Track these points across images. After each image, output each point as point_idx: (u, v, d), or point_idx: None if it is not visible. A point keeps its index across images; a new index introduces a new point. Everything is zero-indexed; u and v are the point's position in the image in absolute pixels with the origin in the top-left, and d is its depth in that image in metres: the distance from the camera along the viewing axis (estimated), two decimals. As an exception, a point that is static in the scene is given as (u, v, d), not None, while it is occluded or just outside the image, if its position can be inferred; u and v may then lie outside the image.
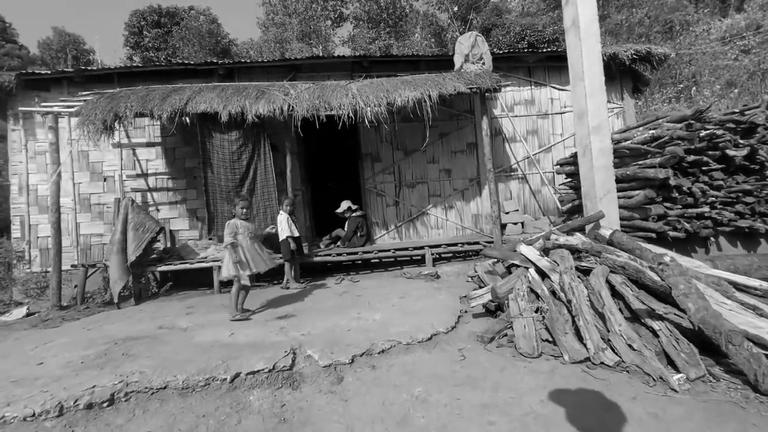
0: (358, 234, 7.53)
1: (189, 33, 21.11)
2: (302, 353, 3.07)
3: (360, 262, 7.51)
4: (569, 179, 6.09)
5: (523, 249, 3.89)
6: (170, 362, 2.99)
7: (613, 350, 2.73)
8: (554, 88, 8.66)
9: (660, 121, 4.92)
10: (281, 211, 6.23)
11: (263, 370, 2.79)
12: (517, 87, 8.58)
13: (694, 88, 19.78)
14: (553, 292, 3.42)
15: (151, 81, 7.55)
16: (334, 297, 5.28)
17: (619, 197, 4.66)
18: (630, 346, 2.67)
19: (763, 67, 15.99)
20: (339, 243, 7.76)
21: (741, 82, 16.99)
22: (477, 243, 7.22)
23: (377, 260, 7.46)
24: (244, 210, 4.80)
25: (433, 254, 7.00)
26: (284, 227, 6.07)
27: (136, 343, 3.66)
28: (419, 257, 7.11)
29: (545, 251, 3.94)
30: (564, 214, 6.16)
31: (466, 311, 4.05)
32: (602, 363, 2.64)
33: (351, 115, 6.12)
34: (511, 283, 3.59)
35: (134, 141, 7.91)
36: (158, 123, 7.85)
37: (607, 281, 3.24)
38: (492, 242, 7.13)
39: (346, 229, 7.66)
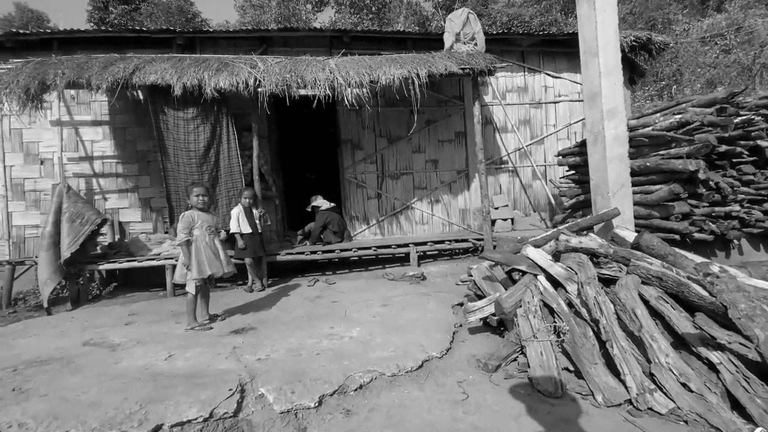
0: (330, 230, 6.76)
1: (157, 9, 19.59)
2: (253, 391, 2.32)
3: (337, 260, 6.76)
4: (572, 172, 5.51)
5: (531, 252, 3.24)
6: (70, 406, 2.18)
7: (660, 389, 2.10)
8: (549, 75, 8.08)
9: (683, 105, 4.36)
10: (239, 203, 5.40)
11: (196, 419, 2.03)
12: (510, 73, 7.95)
13: (675, 86, 19.81)
14: (570, 305, 2.79)
15: (100, 51, 6.50)
16: (305, 303, 4.53)
17: (634, 193, 4.08)
18: (684, 385, 2.05)
19: (760, 62, 15.87)
20: (307, 241, 6.99)
21: (730, 79, 16.97)
22: (465, 240, 6.59)
23: (356, 258, 6.72)
24: (201, 198, 3.98)
25: (418, 252, 6.32)
26: (234, 222, 5.26)
27: (40, 370, 2.82)
28: (402, 255, 6.42)
29: (556, 255, 3.31)
30: (565, 210, 5.58)
31: (460, 325, 3.39)
32: (650, 409, 2.01)
33: (329, 92, 5.31)
34: (518, 295, 2.94)
35: (77, 119, 6.87)
36: (106, 99, 6.84)
37: (639, 295, 2.61)
38: (482, 239, 6.51)
39: (314, 224, 6.90)
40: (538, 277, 3.11)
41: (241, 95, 5.52)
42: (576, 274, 2.88)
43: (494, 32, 7.71)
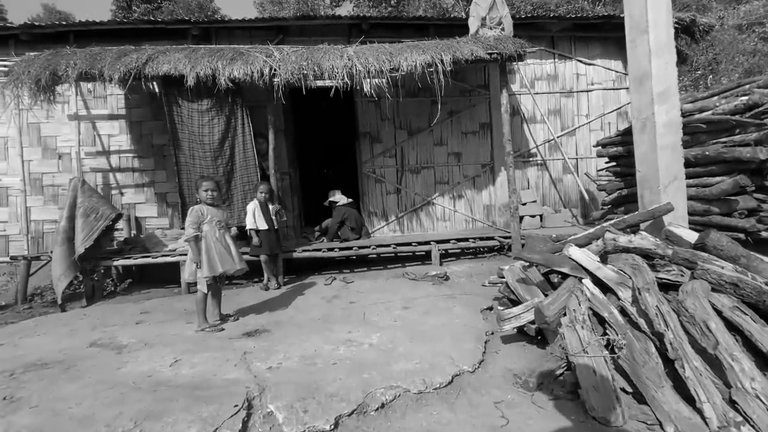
0: (348, 226, 6.48)
1: (177, 7, 19.73)
2: (262, 407, 2.05)
3: (355, 257, 6.49)
4: (613, 163, 5.05)
5: (574, 253, 2.87)
6: (58, 421, 1.96)
7: (747, 421, 1.72)
8: (581, 62, 7.56)
9: (747, 87, 3.87)
10: (254, 198, 5.17)
11: (194, 442, 1.77)
12: (539, 60, 7.47)
13: (711, 76, 18.72)
14: (623, 313, 2.41)
15: (116, 44, 6.37)
16: (321, 304, 4.27)
17: (689, 186, 3.64)
18: (781, 419, 1.67)
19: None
20: (324, 238, 6.74)
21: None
22: (491, 238, 6.20)
23: (375, 256, 6.43)
24: (210, 193, 3.76)
25: (440, 250, 5.98)
26: (249, 217, 5.04)
27: (38, 375, 2.63)
28: (423, 253, 6.09)
29: (602, 256, 2.92)
30: (605, 206, 5.12)
31: (492, 332, 3.04)
32: (738, 447, 1.64)
33: (347, 80, 5.01)
34: (561, 301, 2.58)
35: (94, 113, 6.78)
36: (122, 92, 6.74)
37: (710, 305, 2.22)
38: (509, 237, 6.11)
39: (331, 220, 6.64)
40: (583, 280, 2.74)
41: (257, 86, 5.28)
42: (630, 278, 2.50)
43: (521, 17, 7.23)
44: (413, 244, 5.98)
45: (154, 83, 5.99)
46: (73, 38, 6.66)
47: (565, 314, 2.53)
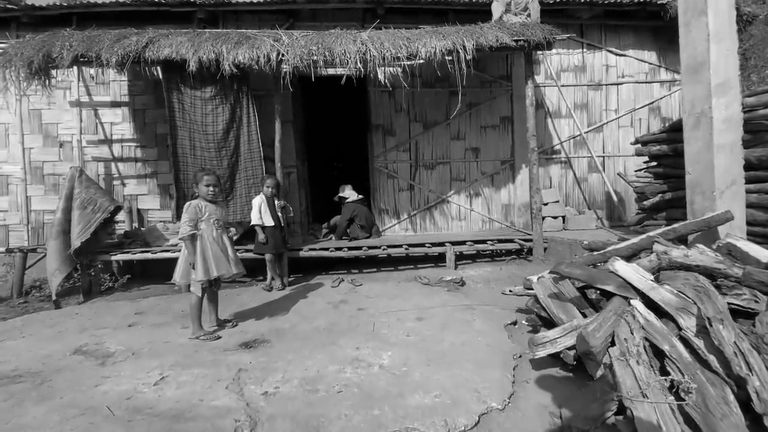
0: (357, 224, 6.12)
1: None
2: (250, 453, 1.71)
3: (364, 257, 6.14)
4: (654, 163, 4.58)
5: (621, 268, 2.46)
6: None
7: None
8: (611, 52, 7.04)
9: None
10: (260, 192, 4.84)
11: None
12: (566, 49, 6.97)
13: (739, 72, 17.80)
14: (685, 344, 2.01)
15: (120, 27, 6.06)
16: (327, 310, 3.93)
17: (749, 191, 3.18)
18: None
19: None
20: (334, 235, 6.41)
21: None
22: (511, 241, 5.79)
23: (385, 256, 6.07)
24: (213, 189, 3.43)
25: (455, 252, 5.58)
26: (255, 213, 4.70)
27: (6, 392, 2.34)
28: (436, 254, 5.70)
29: (654, 272, 2.51)
30: (642, 210, 4.66)
31: (519, 355, 2.66)
32: None
33: (360, 67, 4.61)
34: (607, 327, 2.18)
35: (96, 100, 6.51)
36: (125, 79, 6.45)
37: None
38: (530, 240, 5.70)
39: (340, 217, 6.29)
40: (631, 302, 2.34)
41: (263, 72, 4.93)
42: (693, 303, 2.09)
43: (549, 2, 6.70)
44: (427, 245, 5.60)
45: (156, 69, 5.66)
46: (76, 21, 6.37)
47: (612, 343, 2.14)
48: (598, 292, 2.73)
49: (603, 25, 7.02)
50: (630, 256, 2.95)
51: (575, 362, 2.38)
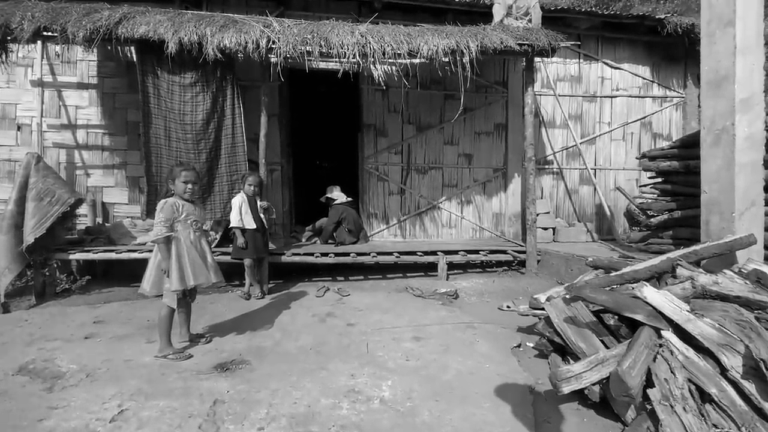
0: (345, 228, 5.78)
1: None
2: None
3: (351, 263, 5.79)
4: (660, 179, 4.45)
5: (652, 296, 2.23)
6: None
7: None
8: (607, 64, 6.98)
9: None
10: (241, 191, 4.44)
11: None
12: (562, 59, 6.86)
13: None
14: (732, 383, 1.79)
15: (89, 1, 5.51)
16: (314, 325, 3.57)
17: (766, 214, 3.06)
18: None
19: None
20: (318, 239, 6.04)
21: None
22: (504, 252, 5.58)
23: (373, 263, 5.74)
24: (191, 187, 3.02)
25: (446, 262, 5.31)
26: (235, 213, 4.29)
27: None
28: (426, 263, 5.42)
29: (687, 301, 2.29)
30: (647, 228, 4.52)
31: (532, 388, 2.40)
32: None
33: (359, 60, 4.28)
34: (641, 363, 1.94)
35: (61, 80, 5.90)
36: (95, 59, 5.88)
37: None
38: (523, 252, 5.51)
39: (327, 219, 5.94)
40: (663, 334, 2.11)
41: (251, 59, 4.54)
42: (739, 340, 1.87)
43: (548, 10, 6.56)
44: (418, 253, 5.31)
45: (130, 49, 5.15)
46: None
47: (648, 381, 1.89)
48: (616, 317, 2.51)
49: (600, 37, 6.95)
50: (649, 279, 2.74)
51: (603, 400, 2.13)
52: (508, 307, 4.05)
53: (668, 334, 2.09)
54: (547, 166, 6.88)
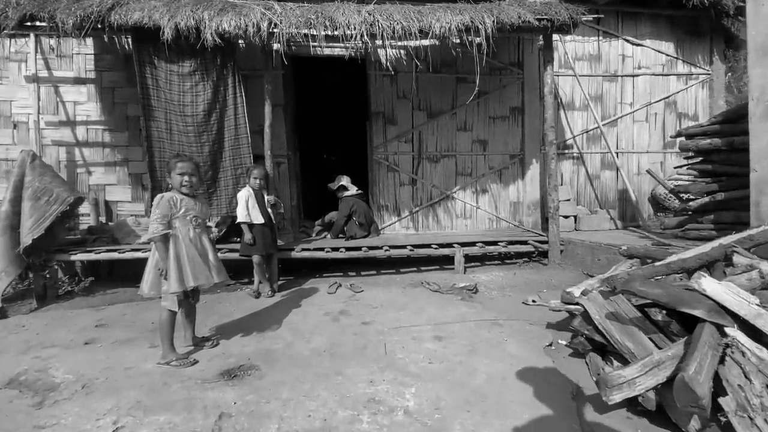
0: (355, 221, 5.53)
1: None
2: None
3: (362, 258, 5.55)
4: (699, 159, 4.11)
5: (713, 289, 1.95)
6: None
7: None
8: (628, 41, 6.58)
9: None
10: (246, 185, 4.20)
11: None
12: (581, 36, 6.48)
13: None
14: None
15: None
16: (326, 324, 3.34)
17: (832, 193, 2.74)
18: None
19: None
20: (328, 233, 5.81)
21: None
22: (524, 242, 5.29)
23: (386, 257, 5.50)
24: (188, 178, 2.77)
25: (464, 254, 5.05)
26: (241, 208, 4.06)
27: None
28: (440, 255, 5.16)
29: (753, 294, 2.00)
30: (683, 212, 4.19)
31: (574, 394, 2.13)
32: None
33: (367, 39, 3.99)
34: (707, 366, 1.66)
35: (57, 75, 5.69)
36: (92, 52, 5.66)
37: None
38: (545, 242, 5.22)
39: (337, 213, 5.69)
40: (728, 332, 1.82)
41: (252, 45, 4.30)
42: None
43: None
44: (433, 246, 5.04)
45: (126, 39, 4.92)
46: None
47: (726, 390, 1.62)
48: (664, 312, 2.23)
49: (620, 12, 6.55)
50: (698, 268, 2.45)
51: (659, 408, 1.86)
52: (533, 301, 3.79)
53: (734, 332, 1.81)
54: (566, 151, 6.54)
